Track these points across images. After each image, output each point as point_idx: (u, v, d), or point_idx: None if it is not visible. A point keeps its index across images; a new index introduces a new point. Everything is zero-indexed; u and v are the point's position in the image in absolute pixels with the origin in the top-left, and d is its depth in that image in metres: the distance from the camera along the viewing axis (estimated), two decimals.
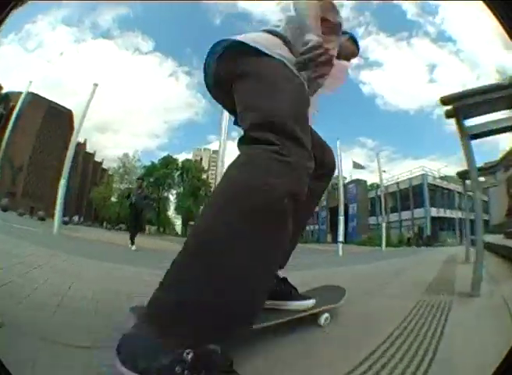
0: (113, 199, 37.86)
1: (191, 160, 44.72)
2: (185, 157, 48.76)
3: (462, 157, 1.54)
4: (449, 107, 1.51)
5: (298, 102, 0.75)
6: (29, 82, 11.06)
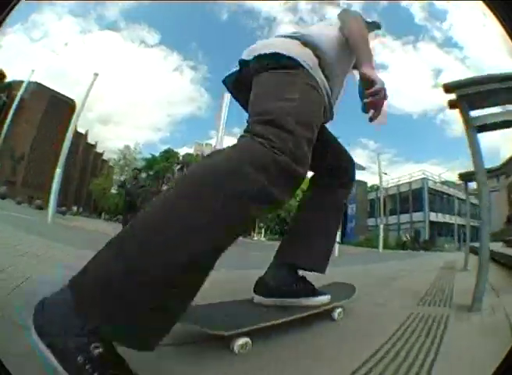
0: (113, 191, 37.88)
1: (192, 154, 44.63)
2: (186, 151, 48.80)
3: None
4: (452, 96, 1.36)
5: (306, 106, 0.74)
6: (31, 71, 11.00)
